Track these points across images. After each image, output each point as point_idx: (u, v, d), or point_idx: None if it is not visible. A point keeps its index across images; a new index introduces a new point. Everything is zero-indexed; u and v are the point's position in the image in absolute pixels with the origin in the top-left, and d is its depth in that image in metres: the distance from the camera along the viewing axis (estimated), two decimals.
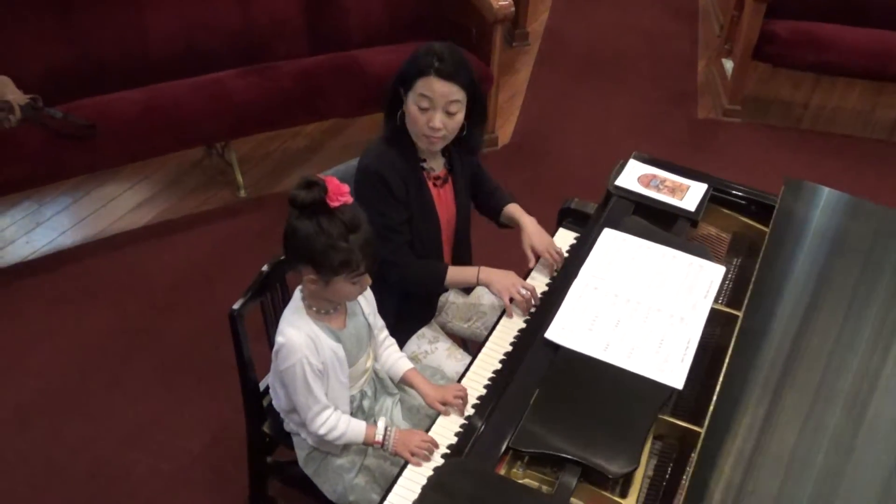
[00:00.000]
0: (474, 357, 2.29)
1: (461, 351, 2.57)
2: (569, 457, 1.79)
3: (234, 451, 2.85)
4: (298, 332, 2.00)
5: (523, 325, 2.34)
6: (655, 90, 4.90)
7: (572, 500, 1.75)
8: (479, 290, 2.70)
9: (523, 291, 2.38)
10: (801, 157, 4.43)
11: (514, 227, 2.64)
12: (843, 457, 1.75)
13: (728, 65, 4.78)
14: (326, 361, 2.02)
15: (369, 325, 2.16)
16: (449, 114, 2.29)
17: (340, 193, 1.90)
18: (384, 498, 1.92)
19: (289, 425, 2.22)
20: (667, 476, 1.90)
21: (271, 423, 2.36)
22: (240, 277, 3.47)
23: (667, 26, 5.49)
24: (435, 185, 2.46)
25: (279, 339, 2.02)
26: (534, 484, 1.84)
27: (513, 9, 3.95)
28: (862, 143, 4.62)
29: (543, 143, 4.39)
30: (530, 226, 2.57)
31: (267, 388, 2.37)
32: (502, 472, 1.83)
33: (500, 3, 3.89)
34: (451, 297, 2.66)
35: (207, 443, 2.92)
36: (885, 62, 4.34)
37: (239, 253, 3.65)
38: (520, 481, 1.82)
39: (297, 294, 2.07)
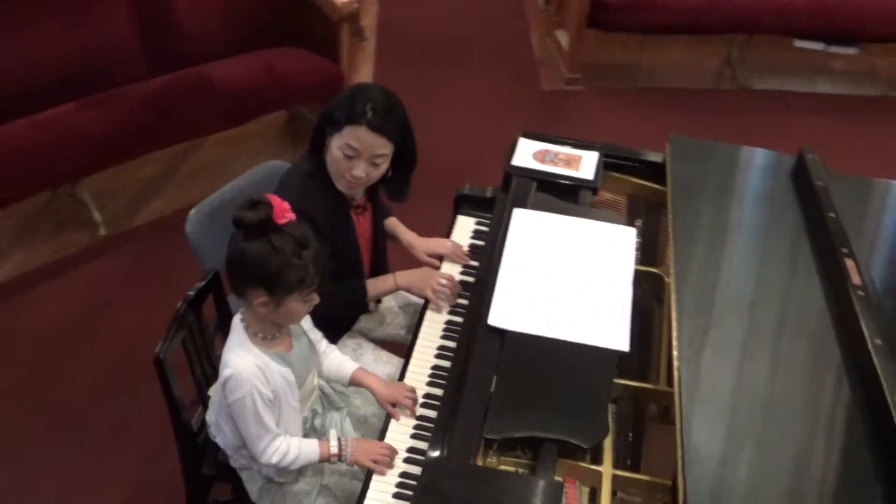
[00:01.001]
0: (409, 355, 2.26)
1: (386, 353, 2.55)
2: (545, 436, 1.80)
3: (160, 501, 2.72)
4: (246, 362, 1.92)
5: (449, 318, 2.34)
6: (497, 69, 4.99)
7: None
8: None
9: (443, 282, 2.38)
10: (645, 114, 4.63)
11: (393, 240, 2.65)
12: (790, 383, 1.85)
13: (562, 35, 4.93)
14: (277, 389, 1.95)
15: (310, 341, 2.09)
16: (374, 164, 2.25)
17: (285, 210, 1.85)
18: None
19: (237, 461, 2.13)
20: (630, 435, 1.96)
21: (210, 462, 2.25)
22: (125, 318, 3.32)
23: (494, 6, 5.58)
24: (356, 213, 2.42)
25: (226, 371, 1.93)
26: (510, 468, 1.85)
27: (356, 5, 3.91)
28: (695, 95, 4.89)
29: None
30: (415, 239, 2.61)
31: (200, 427, 2.25)
32: (479, 463, 1.82)
33: (343, 0, 3.84)
34: None
35: (127, 499, 2.75)
36: (708, 16, 4.61)
37: (115, 292, 3.45)
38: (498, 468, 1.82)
39: (238, 324, 1.99)
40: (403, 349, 2.61)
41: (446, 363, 2.22)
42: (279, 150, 4.27)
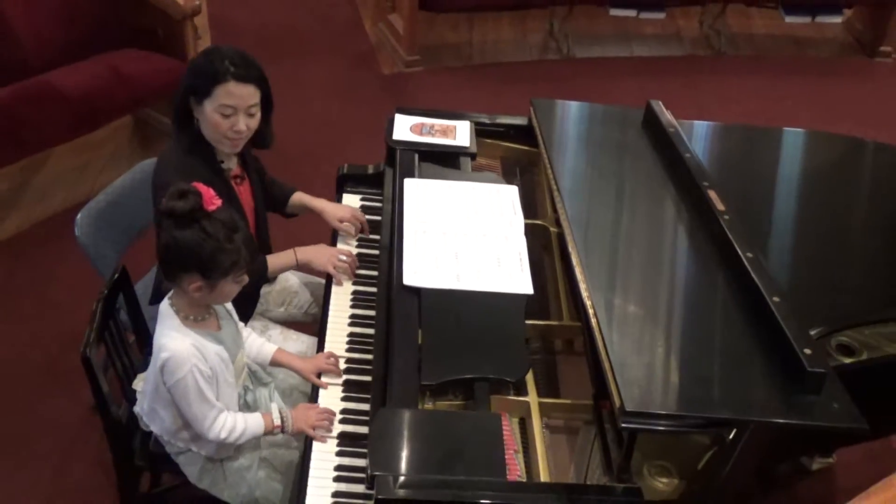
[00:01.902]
0: (323, 326, 2.38)
1: (293, 332, 2.64)
2: (476, 376, 1.97)
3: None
4: (182, 343, 1.98)
5: (355, 288, 2.48)
6: (336, 58, 5.10)
7: None
8: (285, 274, 2.77)
9: (343, 258, 2.51)
10: (483, 88, 4.89)
11: (302, 213, 2.75)
12: (679, 292, 2.12)
13: (396, 20, 5.10)
14: (214, 367, 2.02)
15: (235, 322, 2.17)
16: (250, 115, 2.33)
17: (212, 197, 1.91)
18: (304, 480, 1.98)
19: (174, 446, 2.17)
20: (545, 366, 2.17)
21: (142, 453, 2.28)
22: (3, 339, 3.23)
23: None
24: (236, 183, 2.48)
25: (163, 354, 1.98)
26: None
27: (198, 2, 3.92)
28: (525, 66, 5.19)
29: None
30: (326, 204, 2.70)
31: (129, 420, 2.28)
32: None
33: None
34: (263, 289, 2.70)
35: None
36: None
37: None
38: None
39: (168, 309, 2.03)
40: (306, 327, 2.74)
41: (361, 329, 2.37)
42: (130, 154, 4.23)
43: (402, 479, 1.71)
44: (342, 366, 2.26)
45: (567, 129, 2.75)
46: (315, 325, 2.75)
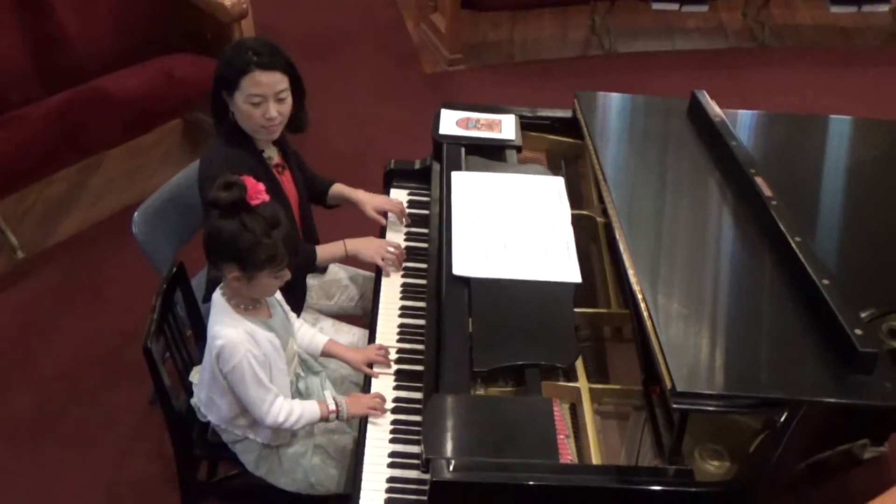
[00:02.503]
0: (374, 317, 2.43)
1: (345, 324, 2.69)
2: (526, 363, 2.01)
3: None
4: (235, 330, 2.04)
5: (404, 280, 2.52)
6: (379, 59, 5.16)
7: None
8: (333, 267, 2.83)
9: (391, 249, 2.55)
10: (526, 85, 4.92)
11: (342, 204, 2.80)
12: (730, 278, 2.13)
13: (438, 20, 5.14)
14: (267, 353, 2.08)
15: (285, 310, 2.23)
16: (280, 100, 2.38)
17: (258, 192, 1.96)
18: (359, 466, 2.02)
19: (231, 434, 2.23)
20: (594, 353, 2.20)
21: (200, 443, 2.35)
22: (60, 334, 3.33)
23: None
24: (278, 172, 2.54)
25: (217, 342, 2.03)
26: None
27: (246, 5, 4.00)
28: (567, 63, 5.21)
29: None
30: (364, 195, 2.75)
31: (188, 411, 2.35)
32: None
33: (231, 0, 3.92)
34: (310, 281, 2.76)
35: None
36: None
37: (45, 311, 3.45)
38: None
39: (219, 298, 2.09)
40: (356, 320, 2.79)
41: (411, 320, 2.41)
42: (181, 156, 4.32)
43: (456, 461, 1.75)
44: (393, 356, 2.30)
45: (612, 121, 2.77)
46: (365, 319, 2.81)
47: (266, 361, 2.08)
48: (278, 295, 2.23)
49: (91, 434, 2.98)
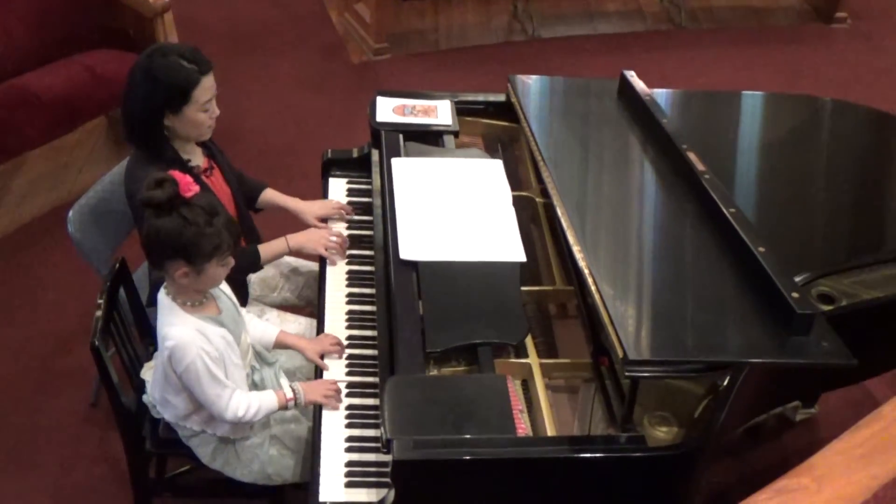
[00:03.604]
0: (321, 306, 2.44)
1: (290, 314, 2.70)
2: (479, 341, 2.05)
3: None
4: (185, 329, 2.03)
5: (348, 268, 2.54)
6: (305, 50, 5.14)
7: None
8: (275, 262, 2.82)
9: (334, 238, 2.57)
10: (453, 73, 4.95)
11: (266, 209, 2.79)
12: (668, 244, 2.21)
13: (363, 9, 5.14)
14: (220, 349, 2.07)
15: (234, 302, 2.22)
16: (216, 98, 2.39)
17: (188, 183, 1.94)
18: (317, 453, 2.04)
19: (187, 430, 2.22)
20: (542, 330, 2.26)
21: (153, 439, 2.33)
22: None
23: None
24: (206, 176, 2.51)
25: (168, 343, 2.02)
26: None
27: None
28: (493, 49, 5.26)
29: (226, 130, 4.45)
30: (301, 204, 2.74)
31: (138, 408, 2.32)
32: None
33: None
34: (252, 276, 2.75)
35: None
36: None
37: None
38: None
39: (164, 298, 2.07)
40: (300, 310, 2.80)
41: (358, 307, 2.43)
42: (107, 154, 4.24)
43: (416, 440, 1.78)
44: (343, 342, 2.32)
45: (546, 103, 2.82)
46: (308, 308, 2.82)
47: (220, 358, 2.07)
48: (226, 288, 2.22)
49: (32, 440, 2.92)
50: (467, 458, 1.77)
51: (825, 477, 1.50)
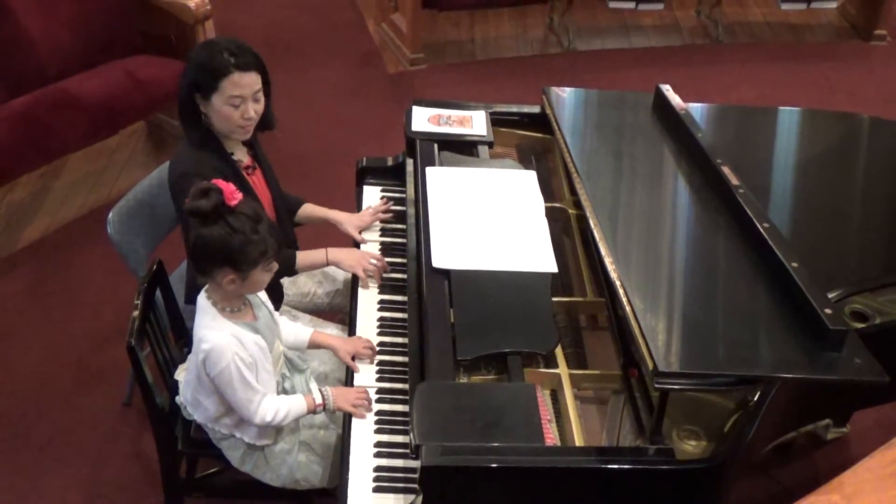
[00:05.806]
0: (353, 311, 2.46)
1: (321, 320, 2.72)
2: (509, 350, 2.06)
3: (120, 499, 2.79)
4: (221, 334, 2.06)
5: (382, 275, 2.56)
6: (342, 59, 5.19)
7: None
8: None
9: (374, 262, 2.57)
10: (488, 83, 4.98)
11: (308, 223, 2.82)
12: (701, 262, 2.21)
13: (399, 20, 5.18)
14: (254, 355, 2.09)
15: (269, 310, 2.25)
16: (256, 100, 2.41)
17: (233, 192, 1.98)
18: (346, 458, 2.06)
19: (217, 432, 2.25)
20: (572, 341, 2.26)
21: (185, 439, 2.36)
22: (31, 337, 3.31)
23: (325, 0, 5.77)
24: (248, 174, 2.55)
25: (204, 346, 2.05)
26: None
27: (209, 6, 4.00)
28: (527, 61, 5.28)
29: (262, 134, 4.51)
30: (343, 215, 2.76)
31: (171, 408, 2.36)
32: None
33: (195, 1, 3.93)
34: (285, 280, 2.78)
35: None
36: None
37: (14, 316, 3.42)
38: None
39: (205, 302, 2.11)
40: (330, 316, 2.82)
41: (390, 314, 2.45)
42: (146, 158, 4.31)
43: (445, 447, 1.79)
44: (376, 347, 2.34)
45: (580, 115, 2.83)
46: (339, 315, 2.85)
47: (253, 363, 2.10)
48: (263, 296, 2.25)
49: (67, 437, 2.97)
50: (495, 465, 1.78)
51: (855, 495, 1.49)
